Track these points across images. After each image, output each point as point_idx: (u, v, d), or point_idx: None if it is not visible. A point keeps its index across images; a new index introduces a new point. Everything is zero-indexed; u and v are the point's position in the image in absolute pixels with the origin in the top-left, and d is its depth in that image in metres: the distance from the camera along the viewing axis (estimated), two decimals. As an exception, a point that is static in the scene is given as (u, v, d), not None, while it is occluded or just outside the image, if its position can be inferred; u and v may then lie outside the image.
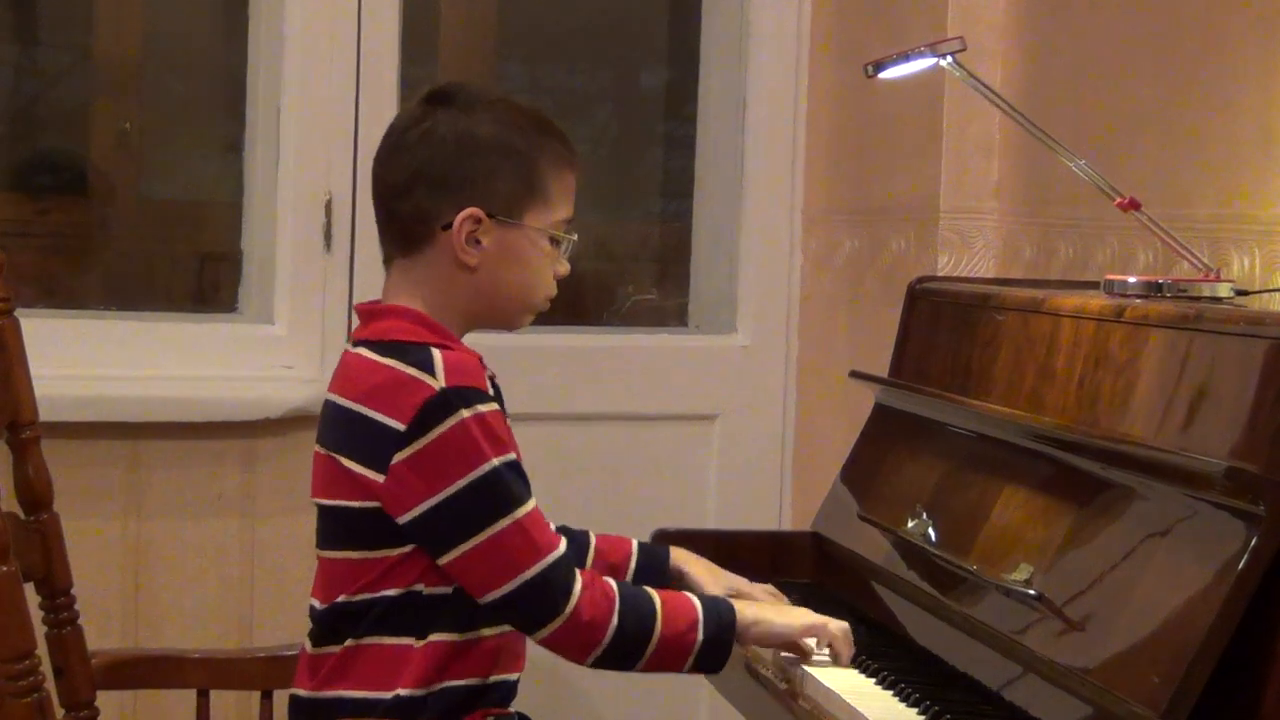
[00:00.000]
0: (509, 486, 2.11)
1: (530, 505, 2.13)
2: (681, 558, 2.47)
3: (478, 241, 2.18)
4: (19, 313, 2.38)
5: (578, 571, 2.14)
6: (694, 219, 3.83)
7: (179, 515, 3.25)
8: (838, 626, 2.24)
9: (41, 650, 2.26)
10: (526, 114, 2.24)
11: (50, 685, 2.26)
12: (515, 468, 2.13)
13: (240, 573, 3.28)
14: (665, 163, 4.11)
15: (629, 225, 4.13)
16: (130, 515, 3.21)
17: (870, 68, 2.62)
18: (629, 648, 2.14)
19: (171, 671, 2.51)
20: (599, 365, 3.61)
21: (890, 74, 2.61)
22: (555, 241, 2.24)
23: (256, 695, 2.53)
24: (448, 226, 2.18)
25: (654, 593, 2.18)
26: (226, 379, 3.31)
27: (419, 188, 2.19)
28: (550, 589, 2.11)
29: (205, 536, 3.25)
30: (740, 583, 2.44)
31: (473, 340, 2.24)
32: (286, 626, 3.12)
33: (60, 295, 3.59)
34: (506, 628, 2.18)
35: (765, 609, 2.26)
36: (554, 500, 3.15)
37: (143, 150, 3.77)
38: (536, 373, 3.50)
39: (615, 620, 2.13)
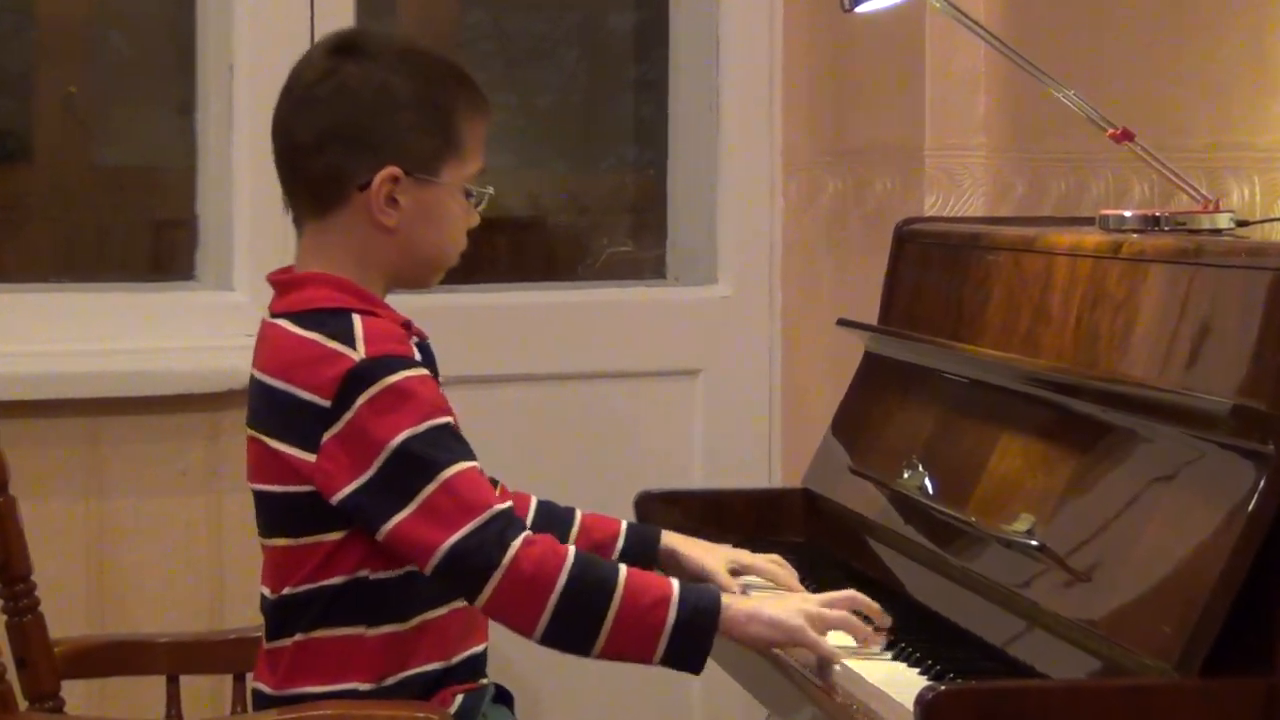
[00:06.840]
0: (433, 450, 2.05)
1: (460, 467, 2.05)
2: (674, 539, 2.41)
3: (395, 201, 2.15)
4: (-34, 288, 2.36)
5: (525, 531, 2.04)
6: (669, 166, 3.82)
7: (142, 493, 3.22)
8: (840, 612, 2.09)
9: (2, 641, 2.28)
10: (441, 63, 2.21)
11: (12, 677, 2.26)
12: (443, 430, 2.08)
13: (208, 551, 3.27)
14: (636, 108, 4.11)
15: (601, 175, 4.13)
16: (91, 495, 3.19)
17: (846, 1, 2.62)
18: (582, 616, 2.02)
19: (139, 657, 2.49)
20: (575, 322, 3.59)
21: (868, 8, 2.63)
22: (469, 194, 2.21)
23: (229, 678, 2.51)
24: (365, 187, 2.14)
25: (622, 565, 2.07)
26: (186, 350, 3.27)
27: (332, 146, 2.15)
28: (484, 545, 2.01)
29: (170, 514, 3.23)
30: (742, 555, 2.39)
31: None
32: (257, 606, 3.10)
33: (9, 268, 3.58)
34: (460, 603, 2.12)
35: (765, 606, 2.08)
36: (534, 463, 3.19)
37: (90, 115, 3.78)
38: (511, 332, 3.49)
39: (564, 579, 2.00)
